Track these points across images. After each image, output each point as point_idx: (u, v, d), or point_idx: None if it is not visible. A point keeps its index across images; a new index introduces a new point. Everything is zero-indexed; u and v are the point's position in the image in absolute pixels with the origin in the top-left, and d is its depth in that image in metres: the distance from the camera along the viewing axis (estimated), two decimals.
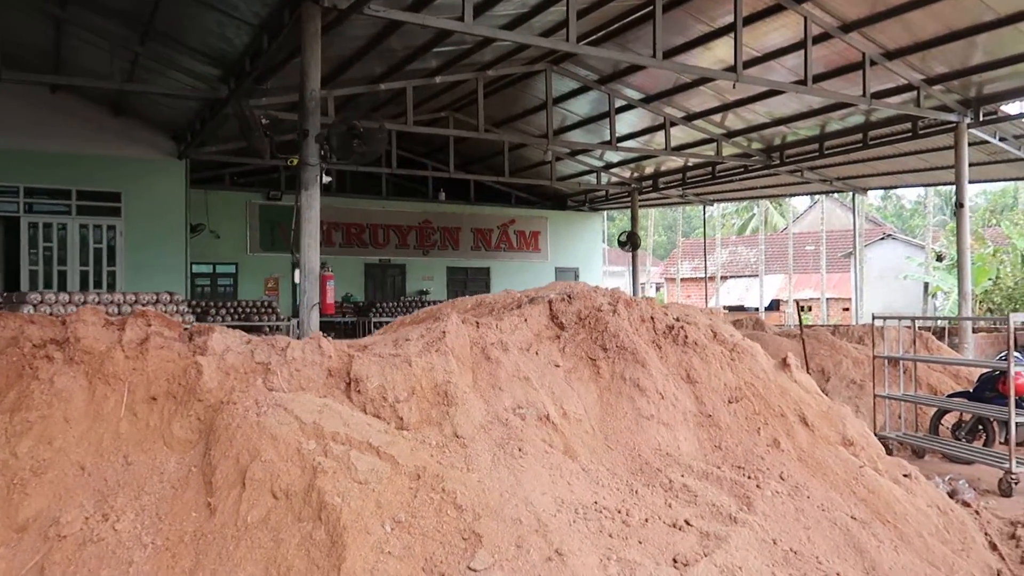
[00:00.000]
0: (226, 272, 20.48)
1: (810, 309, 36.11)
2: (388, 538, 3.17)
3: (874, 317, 9.00)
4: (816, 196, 35.34)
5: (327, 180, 8.66)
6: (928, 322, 18.21)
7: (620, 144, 16.80)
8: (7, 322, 4.36)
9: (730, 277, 41.98)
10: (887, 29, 11.29)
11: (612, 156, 19.81)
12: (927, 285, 30.72)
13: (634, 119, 16.67)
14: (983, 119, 13.35)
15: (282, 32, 9.55)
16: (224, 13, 10.29)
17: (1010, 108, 13.87)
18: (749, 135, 16.70)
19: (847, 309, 31.20)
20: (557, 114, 16.49)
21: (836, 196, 34.37)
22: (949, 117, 13.24)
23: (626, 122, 16.69)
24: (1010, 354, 6.83)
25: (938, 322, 17.62)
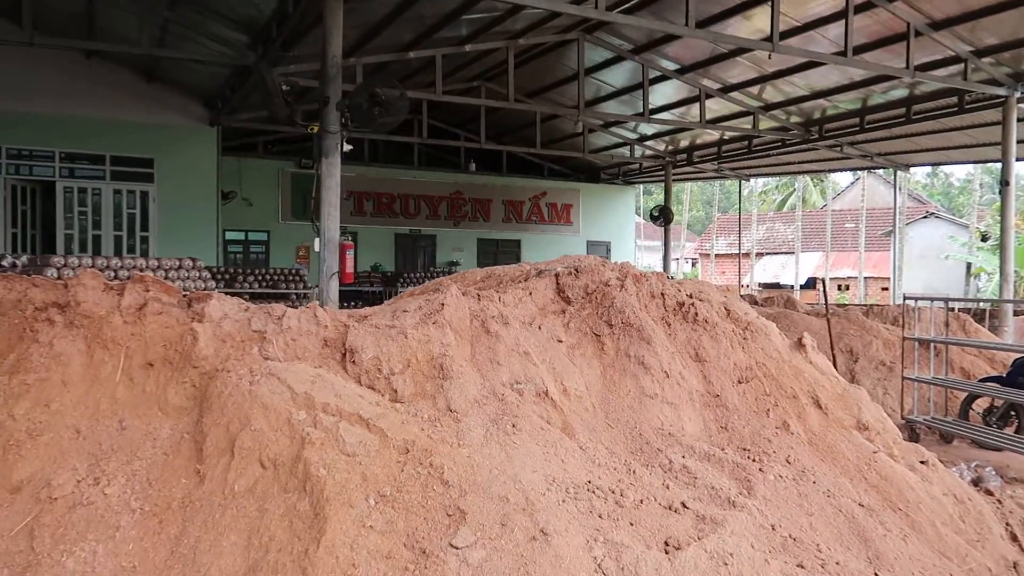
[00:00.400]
0: (258, 240, 20.65)
1: (848, 288, 35.38)
2: (371, 512, 3.11)
3: (905, 298, 8.75)
4: (858, 172, 34.44)
5: (348, 148, 8.59)
6: (968, 304, 17.70)
7: (654, 116, 16.47)
8: (13, 285, 4.37)
9: (766, 254, 41.31)
10: None
11: (646, 128, 19.46)
12: (969, 266, 29.88)
13: (669, 90, 16.31)
14: None
15: None
16: None
17: None
18: (787, 108, 16.25)
19: (886, 289, 30.50)
20: (590, 85, 16.20)
21: (880, 173, 33.47)
22: (998, 91, 12.71)
23: (661, 93, 16.34)
24: None
25: (979, 304, 17.11)
